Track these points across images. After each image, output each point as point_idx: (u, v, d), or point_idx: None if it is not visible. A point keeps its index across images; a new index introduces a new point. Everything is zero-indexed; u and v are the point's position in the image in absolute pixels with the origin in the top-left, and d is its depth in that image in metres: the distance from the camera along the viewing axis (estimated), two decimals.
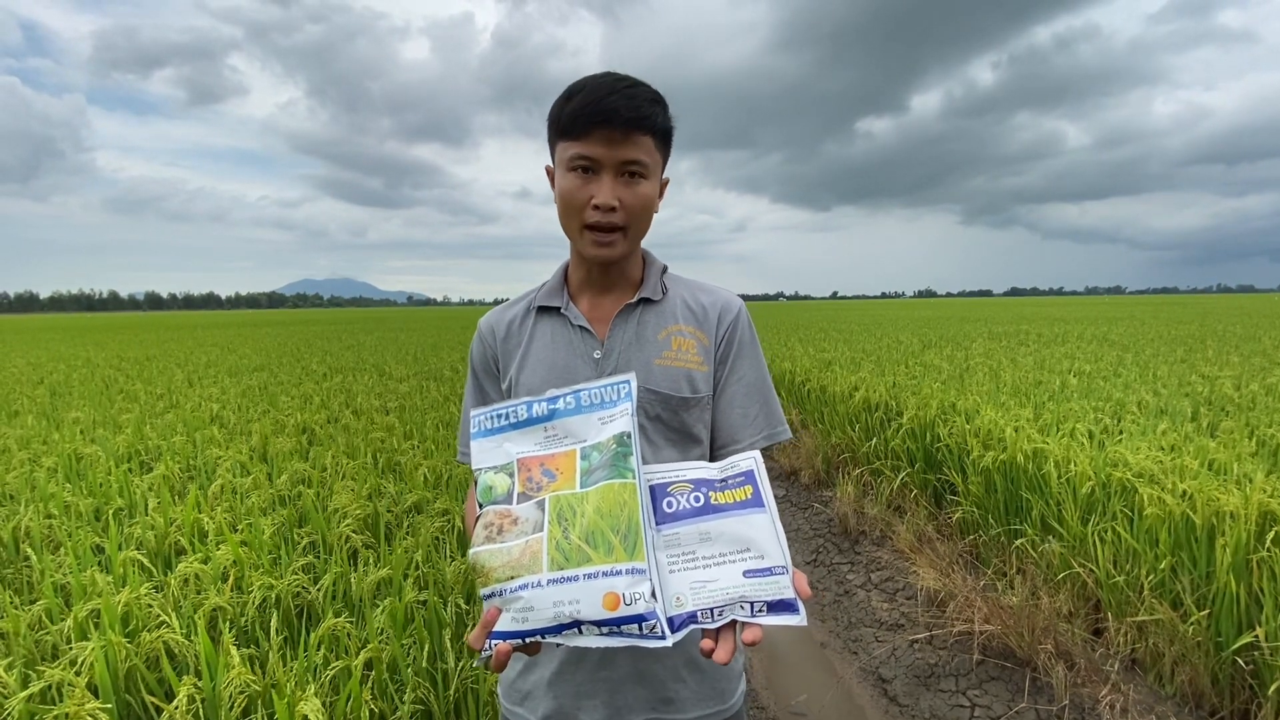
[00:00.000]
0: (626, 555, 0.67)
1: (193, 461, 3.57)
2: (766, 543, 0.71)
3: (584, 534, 0.69)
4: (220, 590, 1.94)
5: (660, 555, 0.72)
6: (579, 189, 0.89)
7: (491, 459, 0.79)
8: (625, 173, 0.89)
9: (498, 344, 1.03)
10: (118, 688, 1.55)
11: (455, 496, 2.97)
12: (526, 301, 1.05)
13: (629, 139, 0.87)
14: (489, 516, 0.74)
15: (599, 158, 0.87)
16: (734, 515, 0.73)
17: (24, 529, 2.51)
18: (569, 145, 0.89)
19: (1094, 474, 2.82)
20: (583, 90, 0.87)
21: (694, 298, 1.02)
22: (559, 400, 0.79)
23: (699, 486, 0.76)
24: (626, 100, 0.85)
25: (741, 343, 1.01)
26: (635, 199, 0.90)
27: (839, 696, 2.50)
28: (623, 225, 0.90)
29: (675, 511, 0.74)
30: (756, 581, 0.69)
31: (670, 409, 0.95)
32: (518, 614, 0.68)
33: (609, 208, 0.88)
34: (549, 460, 0.76)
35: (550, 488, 0.74)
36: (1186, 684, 2.20)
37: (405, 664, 1.74)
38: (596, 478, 0.73)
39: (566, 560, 0.68)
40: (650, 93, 0.89)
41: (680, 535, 0.73)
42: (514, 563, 0.70)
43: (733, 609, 0.69)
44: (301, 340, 16.00)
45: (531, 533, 0.71)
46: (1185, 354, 7.34)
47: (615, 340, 0.97)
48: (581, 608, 0.66)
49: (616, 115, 0.85)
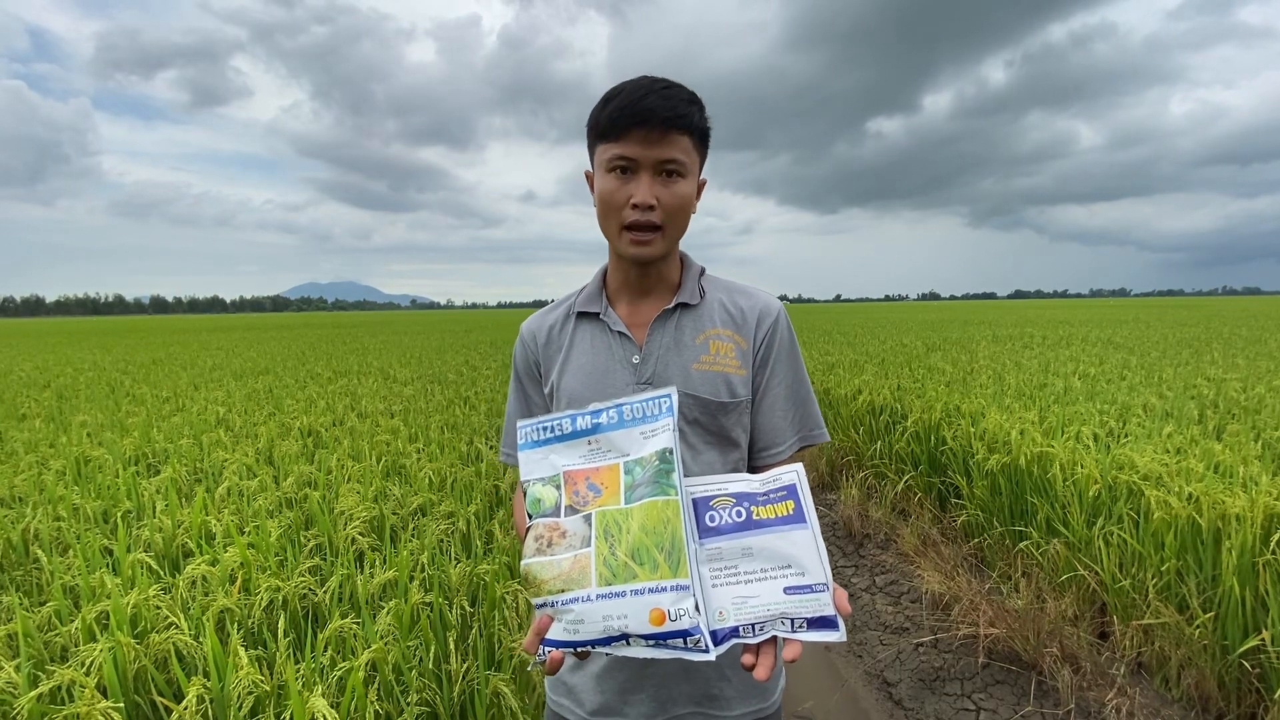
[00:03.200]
0: (671, 572, 0.70)
1: (199, 464, 3.59)
2: (808, 559, 0.72)
3: (630, 551, 0.72)
4: (228, 592, 1.95)
5: (703, 569, 0.73)
6: (618, 189, 0.90)
7: (539, 471, 0.81)
8: (663, 172, 0.89)
9: (539, 349, 1.04)
10: (127, 688, 1.56)
11: (460, 500, 2.98)
12: (566, 306, 1.06)
13: (666, 138, 0.88)
14: (539, 529, 0.77)
15: (637, 157, 0.88)
16: (776, 531, 0.74)
17: (33, 531, 2.53)
18: (608, 147, 0.90)
19: (1100, 476, 2.81)
20: (620, 93, 0.88)
21: (732, 301, 1.02)
22: (602, 414, 0.81)
23: (741, 500, 0.77)
24: (663, 100, 0.86)
25: (780, 346, 1.01)
26: (673, 198, 0.91)
27: (844, 700, 2.50)
28: (660, 224, 0.91)
29: (718, 526, 0.76)
30: (798, 598, 0.70)
31: (709, 413, 0.96)
32: (569, 625, 0.71)
33: (647, 206, 0.89)
34: (594, 474, 0.78)
35: (596, 503, 0.76)
36: (1193, 687, 2.19)
37: (411, 665, 1.75)
38: (640, 494, 0.75)
39: (614, 576, 0.71)
40: (687, 93, 0.90)
41: (723, 550, 0.74)
42: (564, 576, 0.72)
43: (773, 624, 0.70)
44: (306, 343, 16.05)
45: (580, 547, 0.74)
46: (1191, 356, 7.31)
47: (653, 345, 0.97)
48: (629, 622, 0.69)
49: (653, 115, 0.86)
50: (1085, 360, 7.08)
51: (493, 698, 1.77)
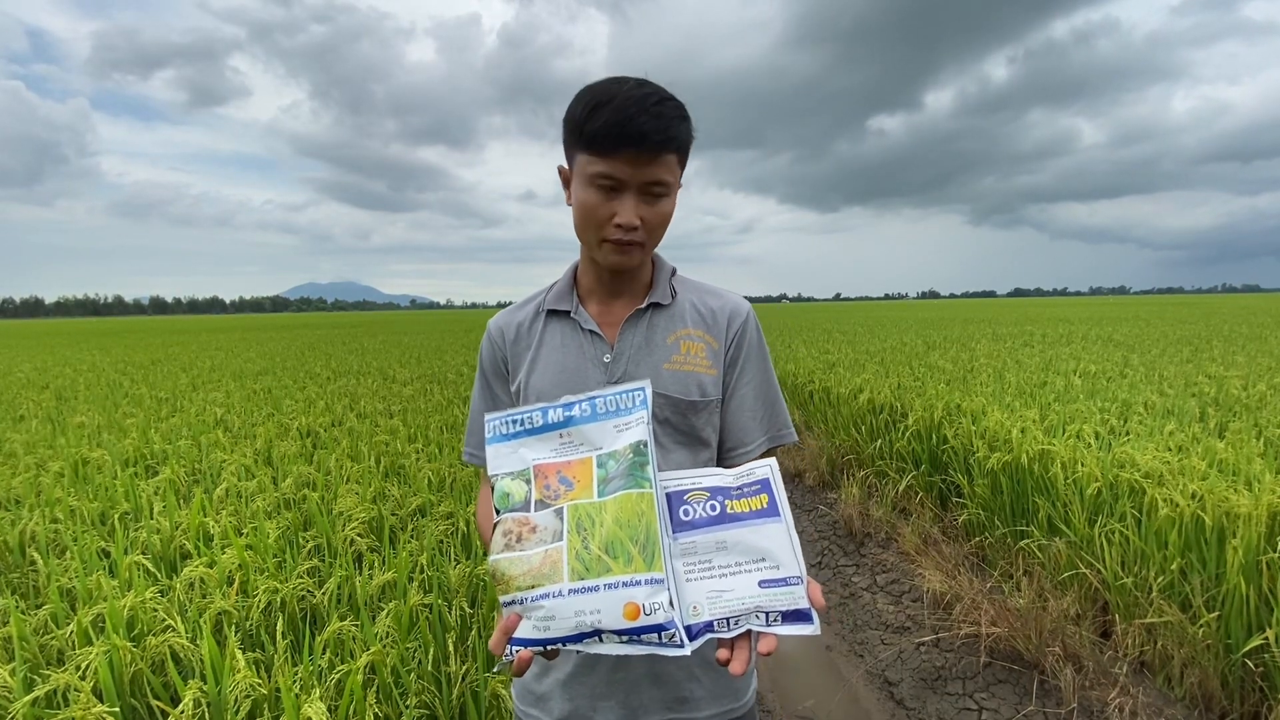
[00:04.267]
0: (645, 566, 0.68)
1: (198, 465, 3.58)
2: (781, 553, 0.72)
3: (603, 544, 0.70)
4: (226, 594, 1.94)
5: (677, 563, 0.72)
6: (600, 205, 0.88)
7: (508, 465, 0.79)
8: (648, 192, 0.88)
9: (507, 346, 1.03)
10: (123, 691, 1.55)
11: (459, 500, 2.96)
12: (535, 304, 1.04)
13: (656, 160, 0.85)
14: (507, 524, 0.75)
15: (624, 178, 0.86)
16: (749, 525, 0.73)
17: (30, 533, 2.52)
18: (593, 161, 0.86)
19: (1101, 475, 2.80)
20: (610, 103, 0.83)
21: (703, 301, 1.02)
22: (574, 407, 0.79)
23: (715, 494, 0.76)
24: (655, 120, 0.83)
25: (750, 347, 1.02)
26: (656, 216, 0.90)
27: (845, 700, 2.49)
28: (642, 241, 0.90)
29: (692, 520, 0.75)
30: (772, 592, 0.70)
31: (679, 413, 0.95)
32: (539, 622, 0.69)
33: (631, 227, 0.88)
34: (565, 468, 0.77)
35: (568, 496, 0.74)
36: (1196, 686, 2.18)
37: (410, 667, 1.74)
38: (614, 487, 0.73)
39: (587, 570, 0.69)
40: (678, 108, 0.86)
41: (697, 544, 0.74)
42: (534, 571, 0.71)
43: (748, 618, 0.70)
44: (305, 344, 16.04)
45: (551, 541, 0.72)
46: (1191, 354, 7.30)
47: (625, 345, 0.97)
48: (603, 617, 0.67)
49: (645, 139, 0.83)
50: (1086, 358, 7.07)
51: (491, 700, 1.76)
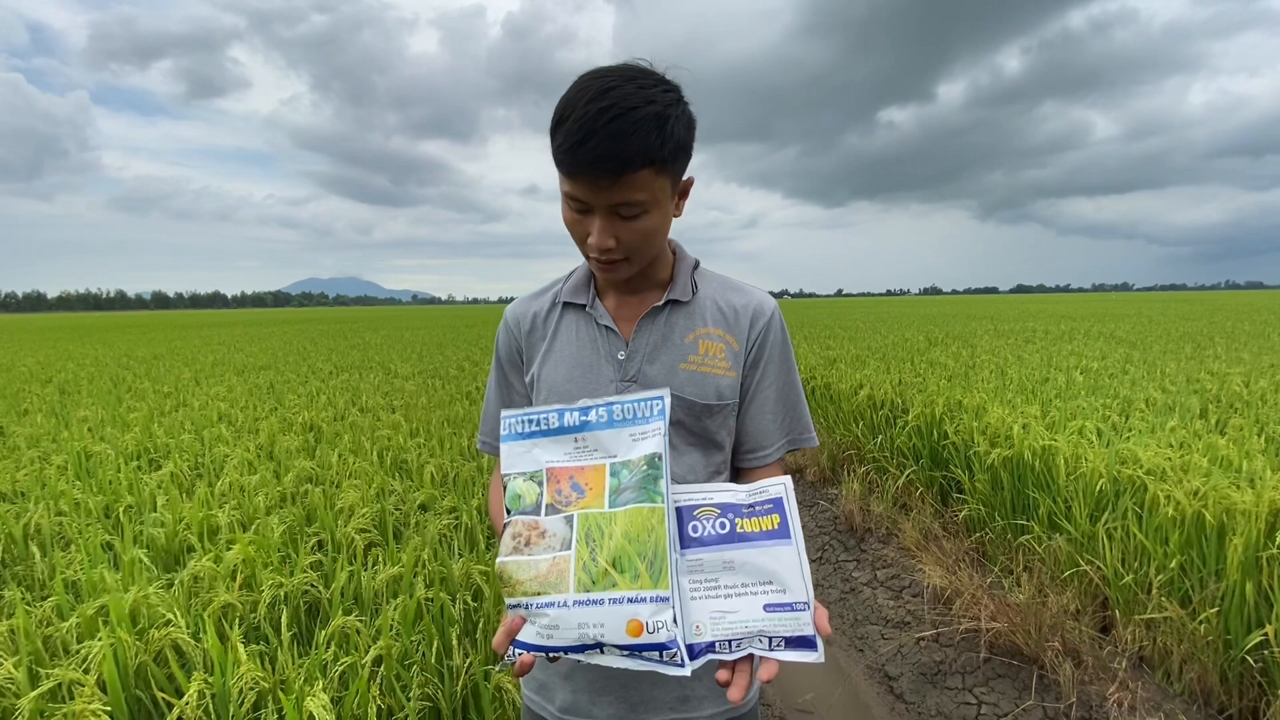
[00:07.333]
0: (652, 583, 0.68)
1: (201, 459, 3.59)
2: (790, 576, 0.70)
3: (611, 557, 0.69)
4: (230, 588, 1.95)
5: (683, 580, 0.71)
6: (575, 223, 0.84)
7: (521, 465, 0.78)
8: (617, 214, 0.81)
9: (522, 336, 1.01)
10: (127, 684, 1.56)
11: (462, 495, 2.97)
12: (552, 294, 1.01)
13: (617, 183, 0.77)
14: (517, 526, 0.74)
15: (589, 200, 0.80)
16: (759, 546, 0.72)
17: (34, 526, 2.53)
18: (562, 178, 0.81)
19: (1103, 471, 2.81)
20: (565, 122, 0.76)
21: (725, 299, 0.97)
22: (591, 412, 0.78)
23: (726, 512, 0.74)
24: (611, 143, 0.74)
25: (773, 347, 0.97)
26: (633, 235, 0.83)
27: (845, 694, 2.50)
28: (624, 258, 0.86)
29: (700, 536, 0.73)
30: (777, 616, 0.68)
31: (694, 415, 0.92)
32: (543, 630, 0.69)
33: (604, 249, 0.83)
34: (578, 474, 0.76)
35: (579, 504, 0.73)
36: (1195, 682, 2.19)
37: (414, 660, 1.75)
38: (625, 499, 0.72)
39: (593, 583, 0.69)
40: (646, 120, 0.75)
41: (704, 561, 0.72)
42: (541, 578, 0.70)
43: (751, 642, 0.68)
44: (307, 339, 16.05)
45: (559, 549, 0.71)
46: (1194, 351, 7.29)
47: (640, 342, 0.93)
48: (605, 631, 0.67)
49: (598, 164, 0.75)
50: (1087, 355, 7.07)
51: (495, 692, 1.77)
